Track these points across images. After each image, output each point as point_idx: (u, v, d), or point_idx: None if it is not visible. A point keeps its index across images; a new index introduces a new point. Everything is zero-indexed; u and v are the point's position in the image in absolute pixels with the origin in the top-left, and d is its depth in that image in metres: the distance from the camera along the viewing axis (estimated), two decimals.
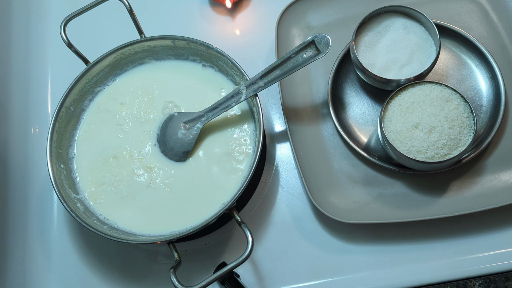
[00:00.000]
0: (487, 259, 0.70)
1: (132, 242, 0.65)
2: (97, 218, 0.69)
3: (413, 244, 0.72)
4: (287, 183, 0.77)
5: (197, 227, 0.64)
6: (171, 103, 0.74)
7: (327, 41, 0.69)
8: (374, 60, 0.74)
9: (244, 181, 0.66)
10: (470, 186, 0.72)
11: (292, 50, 0.70)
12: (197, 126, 0.71)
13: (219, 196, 0.69)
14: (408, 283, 0.70)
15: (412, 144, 0.69)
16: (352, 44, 0.74)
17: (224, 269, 0.61)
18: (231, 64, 0.72)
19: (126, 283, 0.74)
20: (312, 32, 0.82)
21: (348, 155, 0.76)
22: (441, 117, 0.69)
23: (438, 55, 0.72)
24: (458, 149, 0.68)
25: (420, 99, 0.70)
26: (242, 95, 0.70)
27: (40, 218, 0.78)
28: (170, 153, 0.72)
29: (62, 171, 0.70)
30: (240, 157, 0.70)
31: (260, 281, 0.72)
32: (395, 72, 0.73)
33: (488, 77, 0.76)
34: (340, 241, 0.73)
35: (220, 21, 0.87)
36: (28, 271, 0.75)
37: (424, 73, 0.72)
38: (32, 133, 0.83)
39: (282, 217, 0.75)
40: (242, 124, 0.72)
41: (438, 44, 0.72)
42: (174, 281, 0.61)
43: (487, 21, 0.80)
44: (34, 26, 0.89)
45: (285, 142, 0.79)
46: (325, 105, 0.78)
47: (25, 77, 0.86)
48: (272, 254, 0.73)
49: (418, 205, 0.72)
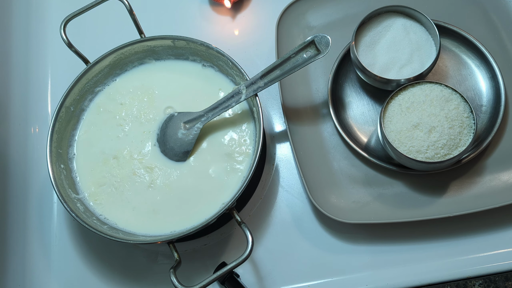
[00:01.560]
0: (487, 259, 0.70)
1: (132, 242, 0.65)
2: (97, 218, 0.69)
3: (413, 244, 0.72)
4: (287, 183, 0.77)
5: (197, 227, 0.64)
6: (171, 103, 0.74)
7: (327, 41, 0.69)
8: (374, 60, 0.74)
9: (244, 181, 0.66)
10: (470, 186, 0.72)
11: (292, 50, 0.70)
12: (197, 126, 0.71)
13: (219, 196, 0.69)
14: (408, 283, 0.70)
15: (412, 144, 0.69)
16: (352, 44, 0.74)
17: (224, 269, 0.61)
18: (231, 64, 0.72)
19: (126, 283, 0.74)
20: (312, 32, 0.82)
21: (348, 155, 0.76)
22: (441, 117, 0.69)
23: (438, 55, 0.72)
24: (458, 149, 0.68)
25: (420, 99, 0.70)
26: (242, 95, 0.70)
27: (40, 218, 0.78)
28: (170, 153, 0.72)
29: (62, 171, 0.70)
30: (240, 157, 0.70)
31: (260, 281, 0.72)
32: (395, 72, 0.73)
33: (488, 77, 0.76)
34: (340, 241, 0.73)
35: (220, 21, 0.87)
36: (28, 271, 0.75)
37: (424, 73, 0.72)
38: (32, 133, 0.83)
39: (282, 217, 0.75)
40: (242, 124, 0.72)
41: (438, 44, 0.72)
42: (174, 281, 0.61)
43: (487, 21, 0.80)
44: (34, 26, 0.89)
45: (285, 142, 0.79)
46: (325, 105, 0.78)
47: (25, 77, 0.86)
48: (272, 254, 0.73)
49: (418, 205, 0.72)
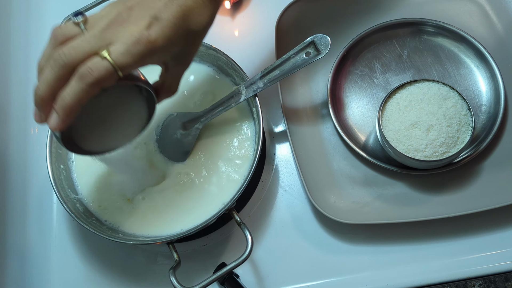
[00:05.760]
0: (487, 259, 0.70)
1: (132, 242, 0.65)
2: (96, 218, 0.69)
3: (413, 244, 0.72)
4: (286, 183, 0.77)
5: (197, 228, 0.64)
6: (170, 104, 0.74)
7: (326, 41, 0.69)
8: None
9: (244, 181, 0.66)
10: (470, 186, 0.72)
11: (291, 50, 0.70)
12: (197, 127, 0.71)
13: (218, 196, 0.69)
14: (408, 283, 0.70)
15: (410, 143, 0.69)
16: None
17: (224, 270, 0.61)
18: (230, 65, 0.72)
19: (125, 283, 0.74)
20: (312, 32, 0.82)
21: (347, 156, 0.76)
22: (439, 115, 0.69)
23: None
24: (457, 147, 0.68)
25: (418, 97, 0.70)
26: (242, 95, 0.70)
27: (40, 218, 0.78)
28: (170, 154, 0.72)
29: (61, 171, 0.70)
30: (240, 158, 0.70)
31: (260, 281, 0.72)
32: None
33: (488, 77, 0.76)
34: (340, 242, 0.73)
35: (219, 21, 0.87)
36: (28, 271, 0.75)
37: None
38: (32, 133, 0.83)
39: (282, 217, 0.75)
40: (242, 124, 0.72)
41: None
42: (174, 282, 0.61)
43: (487, 21, 0.80)
44: (34, 26, 0.89)
45: (285, 142, 0.79)
46: (325, 105, 0.78)
47: (25, 77, 0.86)
48: (272, 255, 0.73)
49: (418, 205, 0.72)
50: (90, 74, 0.50)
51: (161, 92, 0.61)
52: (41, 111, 0.53)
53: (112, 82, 0.51)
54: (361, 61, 0.80)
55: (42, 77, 0.51)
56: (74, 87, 0.50)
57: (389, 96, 0.72)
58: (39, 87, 0.51)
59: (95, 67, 0.50)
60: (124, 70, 0.51)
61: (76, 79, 0.50)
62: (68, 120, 0.51)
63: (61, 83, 0.51)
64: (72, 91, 0.50)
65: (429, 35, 0.80)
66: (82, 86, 0.50)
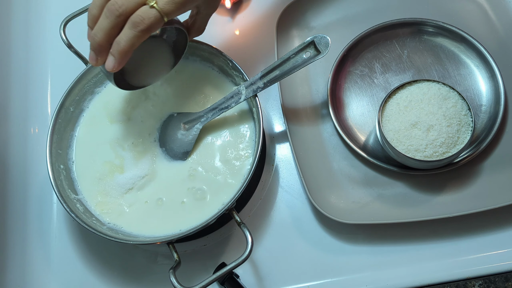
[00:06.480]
0: (487, 259, 0.70)
1: (132, 242, 0.65)
2: (96, 218, 0.69)
3: (413, 244, 0.72)
4: (286, 183, 0.77)
5: (197, 228, 0.64)
6: (170, 103, 0.74)
7: (326, 41, 0.69)
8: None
9: (244, 181, 0.66)
10: (470, 186, 0.72)
11: (291, 50, 0.70)
12: (197, 127, 0.71)
13: (218, 196, 0.69)
14: (408, 283, 0.70)
15: (410, 143, 0.69)
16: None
17: (224, 270, 0.61)
18: (230, 65, 0.72)
19: (125, 283, 0.74)
20: (312, 32, 0.82)
21: (347, 156, 0.76)
22: (439, 116, 0.69)
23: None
24: (457, 147, 0.68)
25: (418, 97, 0.70)
26: (242, 95, 0.70)
27: (40, 218, 0.78)
28: (170, 153, 0.72)
29: (61, 171, 0.70)
30: (240, 158, 0.70)
31: (259, 281, 0.72)
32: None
33: (488, 77, 0.76)
34: (340, 242, 0.73)
35: (219, 21, 0.87)
36: (28, 271, 0.75)
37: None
38: (32, 133, 0.83)
39: (282, 217, 0.75)
40: (242, 124, 0.72)
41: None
42: (174, 282, 0.61)
43: (487, 21, 0.80)
44: (34, 26, 0.89)
45: (285, 142, 0.79)
46: (325, 105, 0.78)
47: (25, 77, 0.86)
48: (272, 255, 0.73)
49: (418, 206, 0.72)
50: (142, 21, 0.58)
51: (192, 32, 0.69)
52: (98, 55, 0.61)
53: (159, 27, 0.60)
54: (361, 61, 0.80)
55: (99, 25, 0.59)
56: (128, 33, 0.58)
57: (389, 96, 0.72)
58: (96, 34, 0.59)
59: (146, 15, 0.58)
60: (169, 16, 0.59)
61: (130, 27, 0.58)
62: (123, 62, 0.60)
63: (116, 31, 0.59)
64: (127, 37, 0.58)
65: (429, 35, 0.80)
66: (135, 33, 0.58)
